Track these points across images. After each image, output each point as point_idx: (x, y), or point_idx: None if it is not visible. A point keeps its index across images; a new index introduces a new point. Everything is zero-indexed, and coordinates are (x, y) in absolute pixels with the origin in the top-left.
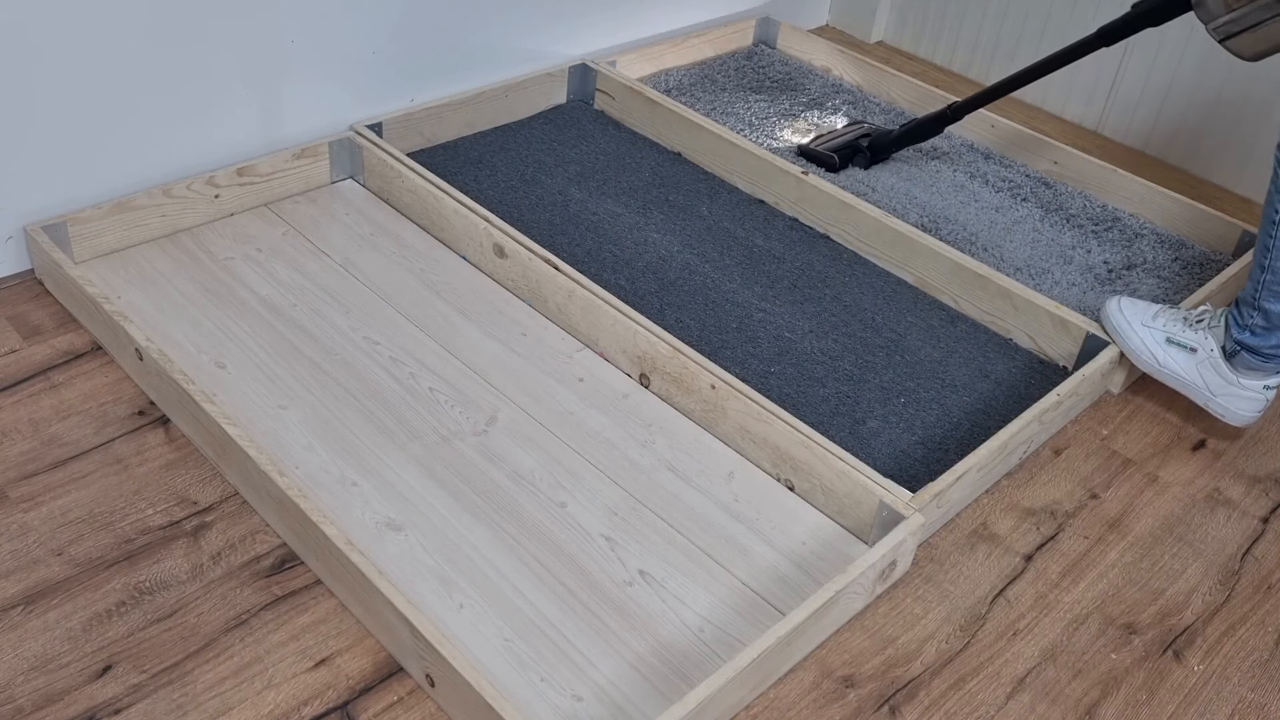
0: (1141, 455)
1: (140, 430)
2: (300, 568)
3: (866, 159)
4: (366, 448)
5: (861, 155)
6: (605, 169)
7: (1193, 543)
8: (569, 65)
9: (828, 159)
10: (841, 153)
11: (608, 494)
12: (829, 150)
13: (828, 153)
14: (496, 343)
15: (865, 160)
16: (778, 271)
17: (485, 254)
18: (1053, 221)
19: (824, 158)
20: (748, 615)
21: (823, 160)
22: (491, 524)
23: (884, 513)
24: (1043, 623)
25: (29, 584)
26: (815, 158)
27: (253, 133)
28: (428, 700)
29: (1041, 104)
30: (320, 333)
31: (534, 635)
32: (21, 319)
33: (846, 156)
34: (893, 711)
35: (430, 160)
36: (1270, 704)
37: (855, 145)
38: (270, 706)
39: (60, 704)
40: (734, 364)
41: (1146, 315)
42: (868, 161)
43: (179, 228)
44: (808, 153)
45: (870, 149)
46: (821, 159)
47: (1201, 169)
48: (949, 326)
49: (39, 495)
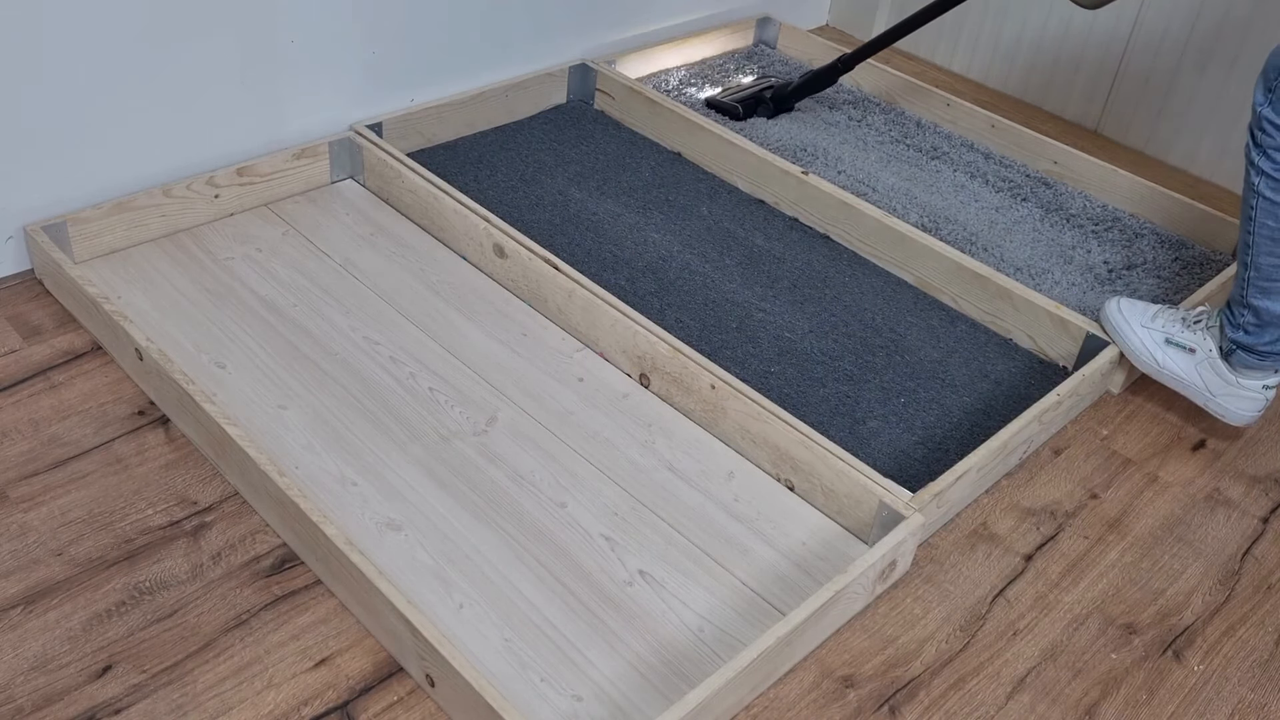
0: (1141, 455)
1: (140, 430)
2: (300, 568)
3: (770, 109)
4: (366, 448)
5: (765, 105)
6: (605, 169)
7: (1193, 543)
8: (569, 65)
9: (732, 109)
10: (745, 104)
11: (608, 494)
12: (734, 101)
13: (733, 103)
14: (496, 343)
15: (768, 110)
16: (778, 271)
17: (485, 254)
18: (1053, 221)
19: (729, 108)
20: (748, 615)
21: (728, 110)
22: (491, 524)
23: (884, 513)
24: (1043, 623)
25: (29, 584)
26: (721, 108)
27: (253, 133)
28: (428, 700)
29: (1041, 104)
30: (320, 333)
31: (534, 635)
32: (21, 319)
33: (750, 107)
34: (893, 711)
35: (430, 160)
36: (1270, 704)
37: (759, 96)
38: (270, 706)
39: (60, 704)
40: (734, 364)
41: (1145, 316)
42: (771, 111)
43: (179, 228)
44: (715, 104)
45: (773, 100)
46: (727, 109)
47: (1201, 169)
48: (949, 326)
49: (39, 495)
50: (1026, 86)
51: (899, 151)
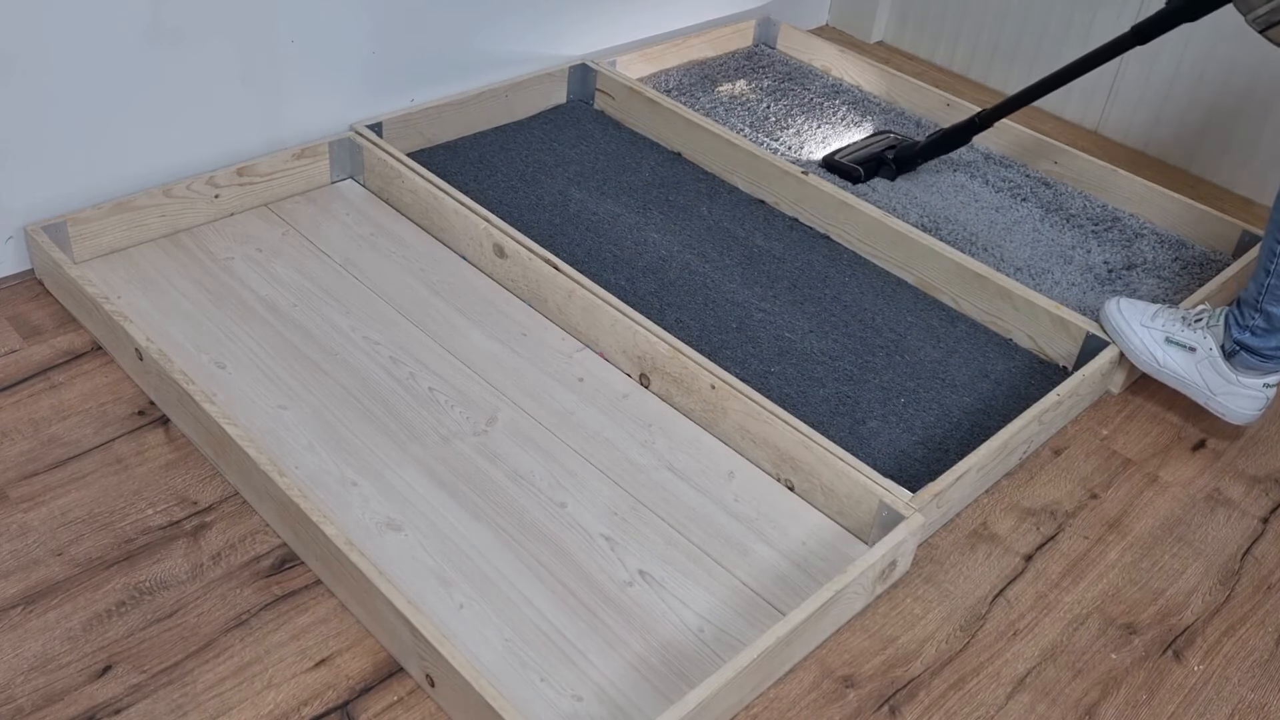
0: (1141, 455)
1: (140, 430)
2: (300, 568)
3: (893, 171)
4: (366, 448)
5: (887, 167)
6: (605, 169)
7: (1193, 543)
8: (569, 65)
9: (853, 171)
10: (867, 165)
11: (608, 494)
12: (854, 163)
13: (853, 165)
14: (496, 343)
15: (891, 172)
16: (778, 271)
17: (485, 254)
18: (1053, 221)
19: (849, 170)
20: (748, 615)
21: (848, 173)
22: (491, 524)
23: (884, 513)
24: (1043, 623)
25: (29, 584)
26: (840, 170)
27: (253, 133)
28: (428, 700)
29: (1041, 104)
30: (320, 333)
31: (534, 635)
32: (21, 319)
33: (872, 169)
34: (893, 711)
35: (430, 160)
36: (1270, 704)
37: (880, 157)
38: (270, 706)
39: (60, 704)
40: (734, 364)
41: (1145, 315)
42: (893, 173)
43: (179, 228)
44: (832, 164)
45: (896, 161)
46: (847, 171)
47: (1201, 169)
48: (949, 326)
49: (39, 495)
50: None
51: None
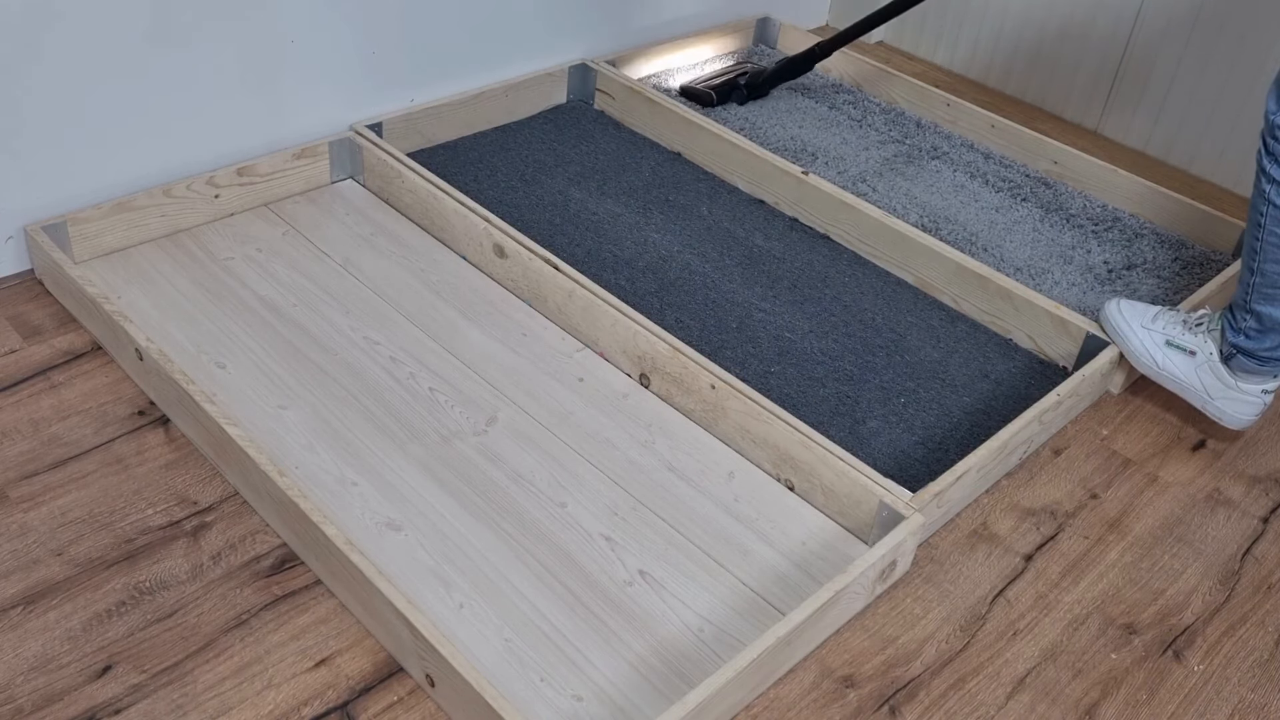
0: (1141, 455)
1: (140, 430)
2: (300, 568)
3: (744, 95)
4: (366, 448)
5: (739, 91)
6: (605, 169)
7: (1193, 543)
8: (569, 65)
9: (705, 95)
10: (719, 90)
11: (608, 494)
12: (707, 88)
13: (706, 89)
14: (496, 343)
15: (742, 96)
16: (778, 271)
17: (485, 254)
18: (1053, 221)
19: (702, 94)
20: (748, 615)
21: (700, 96)
22: (491, 524)
23: (884, 513)
24: (1043, 623)
25: (29, 584)
26: (694, 95)
27: (253, 133)
28: (428, 700)
29: (1041, 104)
30: (320, 333)
31: (534, 635)
32: (21, 319)
33: (724, 93)
34: (893, 711)
35: (430, 160)
36: (1270, 704)
37: (733, 83)
38: (270, 706)
39: (60, 704)
40: (734, 364)
41: (1146, 317)
42: (744, 97)
43: (179, 228)
44: (687, 90)
45: (747, 86)
46: (699, 95)
47: (1201, 169)
48: (949, 326)
49: (39, 495)
50: (1026, 86)
51: (899, 151)
